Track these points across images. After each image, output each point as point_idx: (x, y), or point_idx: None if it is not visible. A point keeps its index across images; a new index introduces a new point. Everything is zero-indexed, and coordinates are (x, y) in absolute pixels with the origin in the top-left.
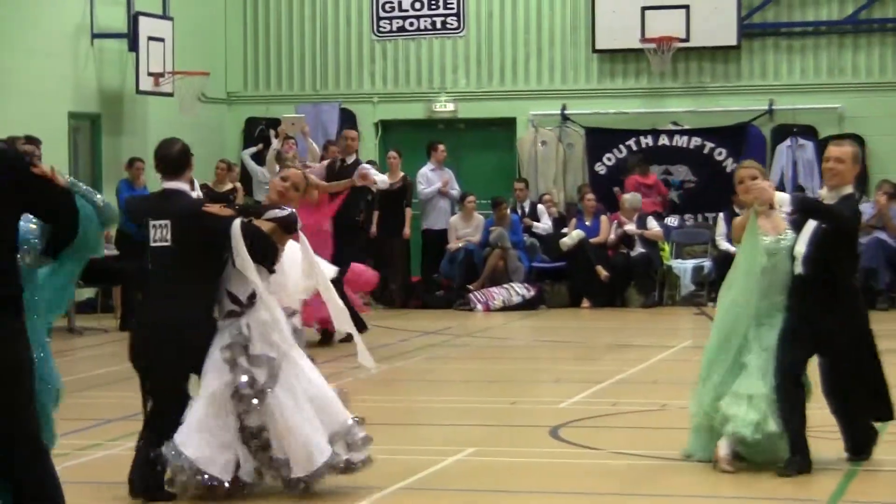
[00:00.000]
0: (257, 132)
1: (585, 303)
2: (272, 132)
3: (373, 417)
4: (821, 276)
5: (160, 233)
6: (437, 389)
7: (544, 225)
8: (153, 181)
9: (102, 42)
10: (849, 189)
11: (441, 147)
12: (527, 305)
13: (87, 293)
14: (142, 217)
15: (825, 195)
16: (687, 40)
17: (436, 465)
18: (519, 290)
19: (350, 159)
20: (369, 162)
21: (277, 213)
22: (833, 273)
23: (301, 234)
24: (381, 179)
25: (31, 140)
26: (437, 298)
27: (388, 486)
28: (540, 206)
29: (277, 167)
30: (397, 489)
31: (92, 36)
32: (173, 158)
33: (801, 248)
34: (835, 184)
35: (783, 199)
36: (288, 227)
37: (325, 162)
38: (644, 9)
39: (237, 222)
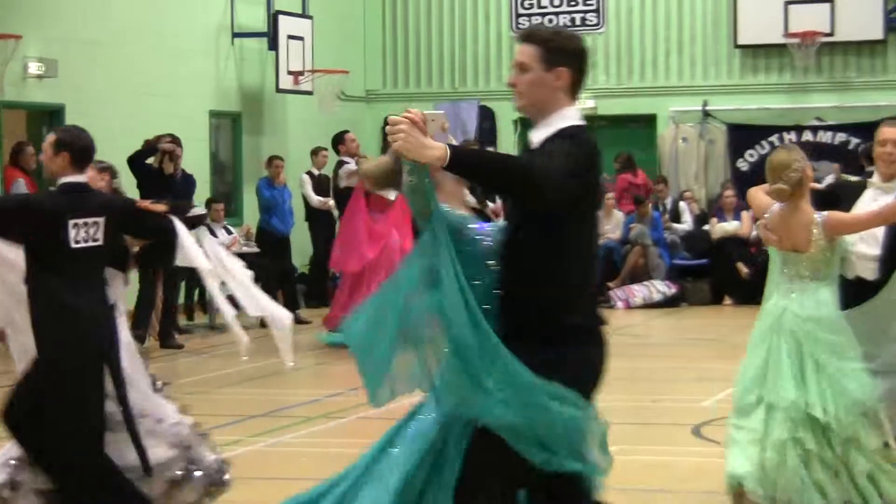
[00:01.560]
0: None
1: (727, 300)
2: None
3: None
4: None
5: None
6: None
7: (684, 225)
8: (293, 179)
9: (243, 41)
10: None
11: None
12: (668, 303)
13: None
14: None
15: (878, 184)
16: (831, 35)
17: None
18: (660, 288)
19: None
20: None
21: (196, 211)
22: None
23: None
24: None
25: (173, 139)
26: None
27: None
28: (682, 204)
29: None
30: None
31: (232, 35)
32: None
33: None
34: (893, 172)
35: None
36: (193, 225)
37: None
38: (787, 3)
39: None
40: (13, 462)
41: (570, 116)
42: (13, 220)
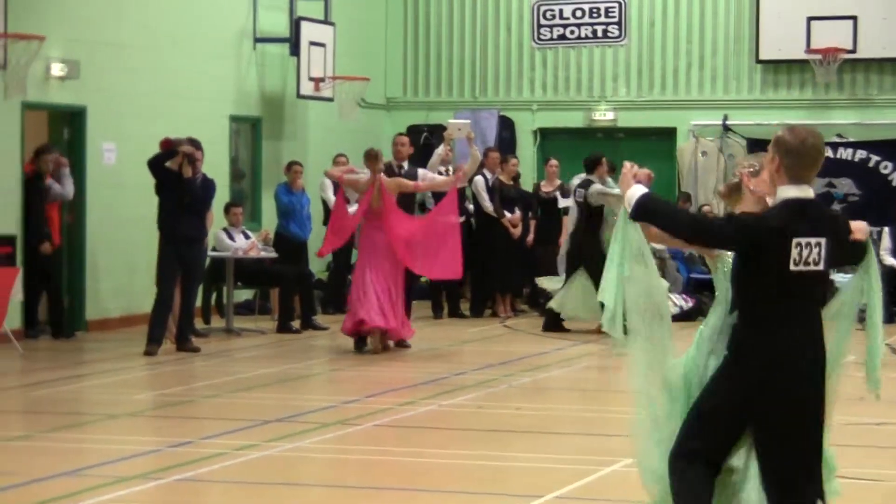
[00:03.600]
0: (422, 140)
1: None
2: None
3: (528, 425)
4: None
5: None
6: (593, 398)
7: None
8: (312, 185)
9: (265, 46)
10: None
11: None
12: (684, 316)
13: (246, 294)
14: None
15: None
16: (854, 51)
17: (592, 475)
18: (676, 301)
19: (405, 164)
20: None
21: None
22: None
23: None
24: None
25: (193, 142)
26: None
27: (545, 494)
28: None
29: (442, 169)
30: (553, 497)
31: (254, 40)
32: None
33: None
34: None
35: None
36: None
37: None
38: (810, 19)
39: None
40: None
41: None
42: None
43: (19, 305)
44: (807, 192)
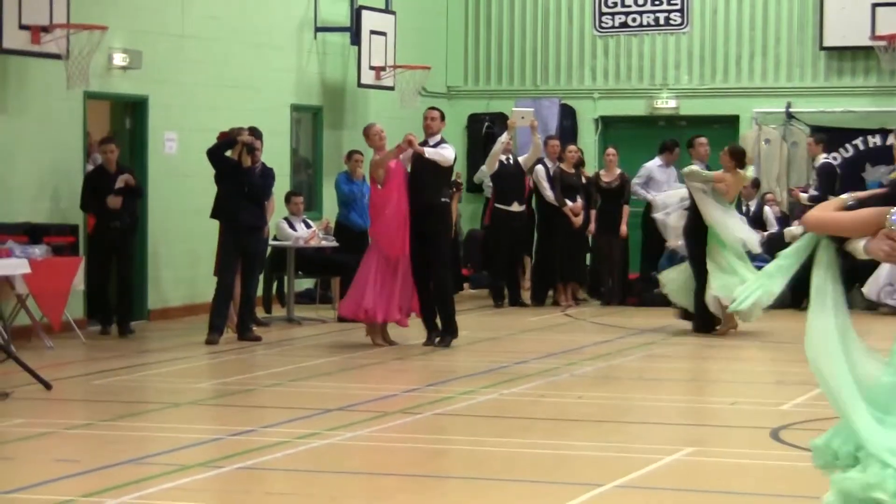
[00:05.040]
0: (484, 129)
1: (807, 303)
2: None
3: (589, 414)
4: None
5: None
6: (654, 388)
7: (770, 229)
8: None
9: (325, 35)
10: None
11: (677, 150)
12: None
13: (307, 283)
14: None
15: None
16: None
17: (653, 464)
18: None
19: (433, 140)
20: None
21: None
22: None
23: None
24: (434, 151)
25: (253, 131)
26: (655, 296)
27: (605, 483)
28: (766, 209)
29: (503, 158)
30: (614, 487)
31: (315, 30)
32: None
33: None
34: None
35: None
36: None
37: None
38: (875, 5)
39: None
40: None
41: None
42: None
43: (81, 295)
44: None
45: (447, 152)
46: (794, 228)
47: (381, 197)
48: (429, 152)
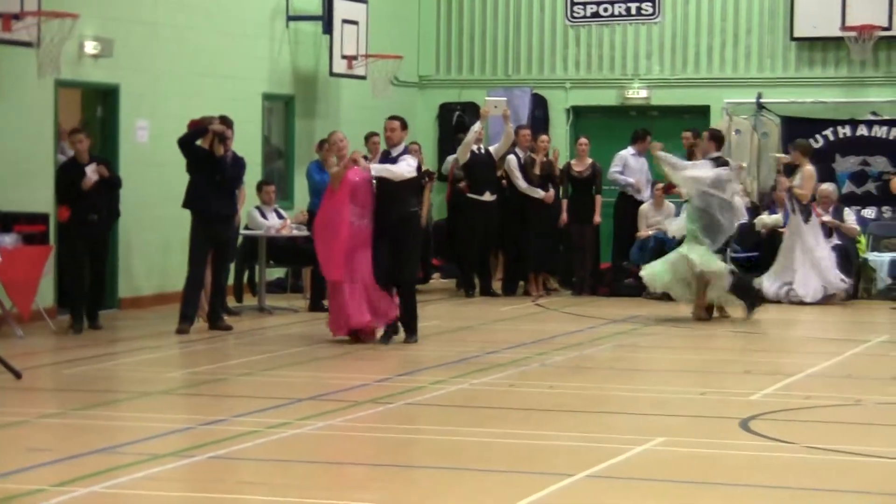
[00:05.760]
0: (455, 118)
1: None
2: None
3: (561, 404)
4: None
5: None
6: (626, 378)
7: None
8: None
9: (298, 24)
10: None
11: (648, 139)
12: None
13: (278, 273)
14: None
15: None
16: (889, 28)
17: (624, 454)
18: None
19: (395, 151)
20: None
21: None
22: None
23: None
24: (381, 168)
25: (224, 120)
26: (627, 286)
27: (576, 473)
28: (736, 199)
29: (474, 147)
30: (585, 476)
31: (288, 18)
32: None
33: None
34: None
35: None
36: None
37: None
38: None
39: None
40: None
41: None
42: None
43: (52, 283)
44: None
45: (399, 167)
46: (766, 217)
47: (322, 216)
48: (375, 169)
